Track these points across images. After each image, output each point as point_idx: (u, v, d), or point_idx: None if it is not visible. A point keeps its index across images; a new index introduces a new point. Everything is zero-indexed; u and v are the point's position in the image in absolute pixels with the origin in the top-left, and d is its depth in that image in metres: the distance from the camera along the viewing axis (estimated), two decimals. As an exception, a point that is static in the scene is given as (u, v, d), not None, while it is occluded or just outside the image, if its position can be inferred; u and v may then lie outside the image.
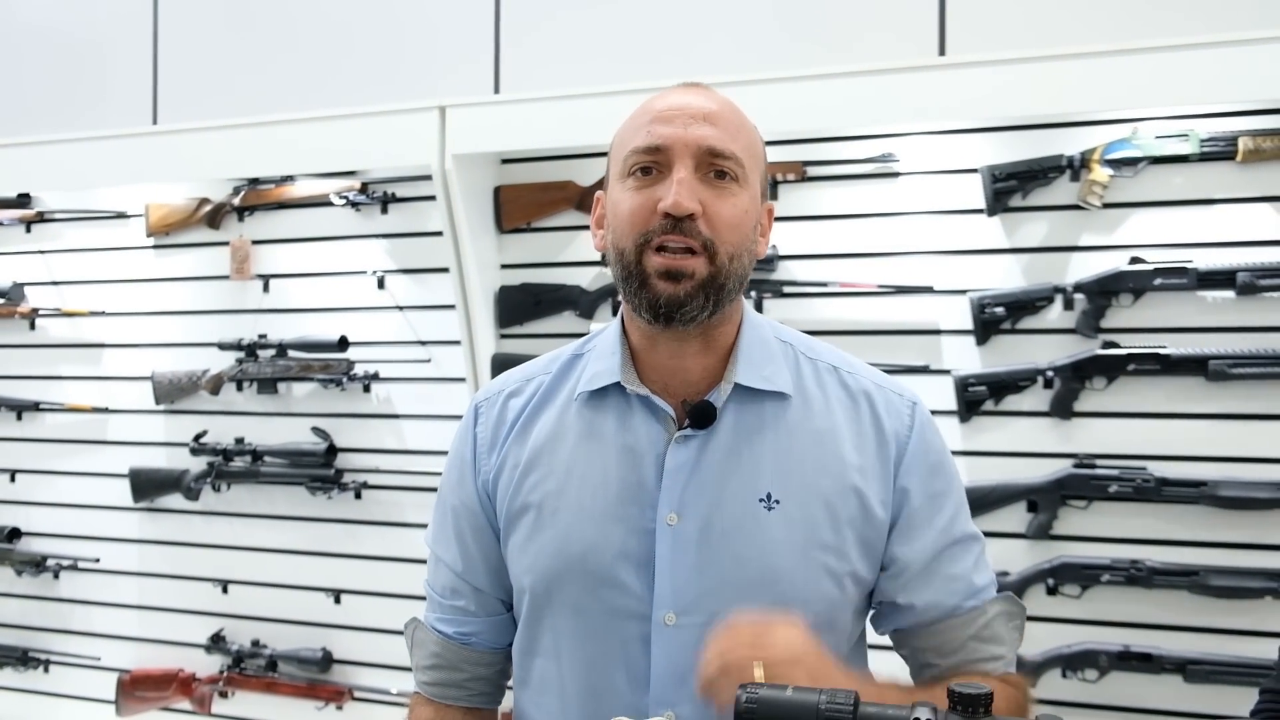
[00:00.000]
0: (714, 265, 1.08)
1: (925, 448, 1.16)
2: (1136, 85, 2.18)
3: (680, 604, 1.09)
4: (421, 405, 2.93)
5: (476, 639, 1.24)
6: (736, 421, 1.13)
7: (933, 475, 1.16)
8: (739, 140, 1.12)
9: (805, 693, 0.75)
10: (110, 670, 3.22)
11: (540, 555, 1.14)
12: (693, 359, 1.14)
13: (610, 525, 1.12)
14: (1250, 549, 2.27)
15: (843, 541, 1.11)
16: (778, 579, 1.08)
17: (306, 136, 2.82)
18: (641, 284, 1.09)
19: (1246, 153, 2.22)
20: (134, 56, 3.27)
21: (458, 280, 2.72)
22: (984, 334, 2.42)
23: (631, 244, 1.09)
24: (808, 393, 1.16)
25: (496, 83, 2.85)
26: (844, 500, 1.12)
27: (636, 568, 1.10)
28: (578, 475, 1.14)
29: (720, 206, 1.09)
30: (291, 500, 3.06)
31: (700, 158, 1.09)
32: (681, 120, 1.10)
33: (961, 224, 2.46)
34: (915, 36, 2.48)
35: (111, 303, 3.28)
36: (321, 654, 2.98)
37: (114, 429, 3.29)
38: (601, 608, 1.11)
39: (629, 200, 1.10)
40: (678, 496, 1.11)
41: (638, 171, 1.11)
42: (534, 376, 1.24)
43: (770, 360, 1.16)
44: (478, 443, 1.22)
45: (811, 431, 1.14)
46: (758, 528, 1.10)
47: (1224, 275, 2.24)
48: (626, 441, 1.14)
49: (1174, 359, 2.28)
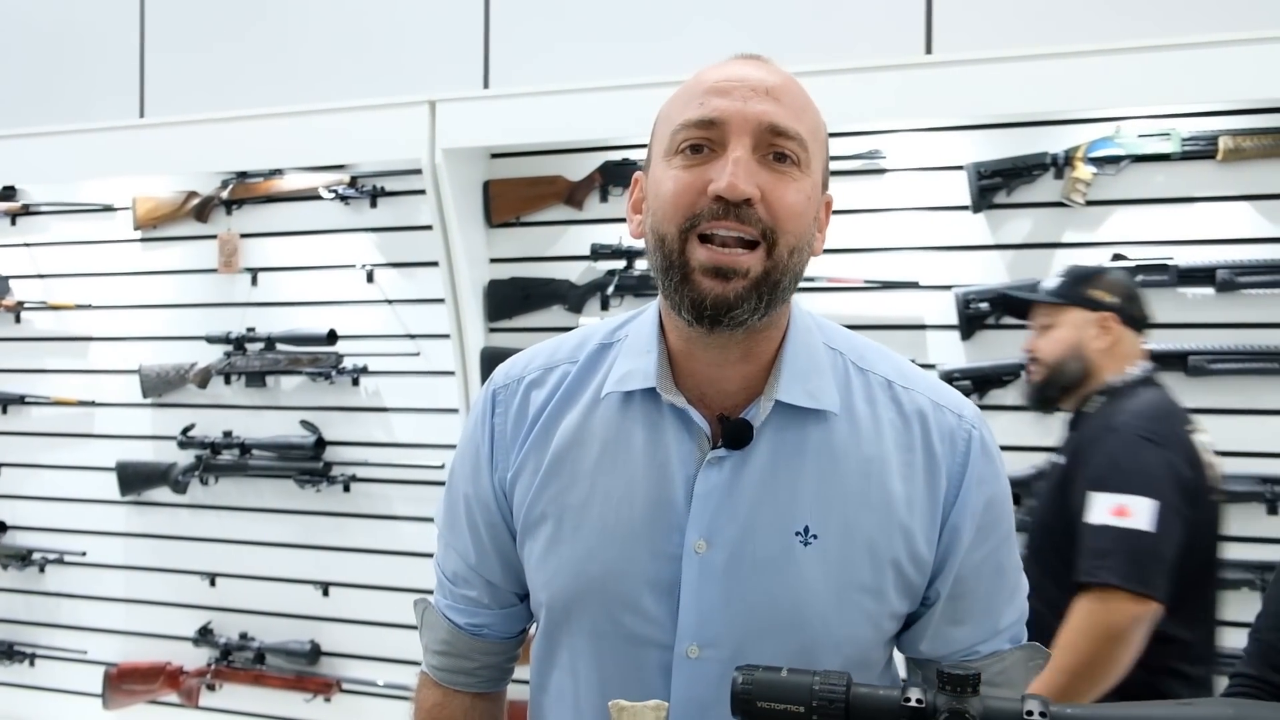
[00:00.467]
0: (771, 259, 0.96)
1: (979, 482, 1.04)
2: (1120, 85, 2.22)
3: (705, 637, 1.00)
4: (410, 398, 2.94)
5: (489, 630, 1.17)
6: (776, 443, 1.02)
7: (983, 514, 1.04)
8: (804, 120, 0.99)
9: (799, 674, 0.77)
10: (97, 664, 3.22)
11: (559, 573, 1.06)
12: (733, 367, 1.02)
13: (634, 548, 1.02)
14: (1229, 540, 2.30)
15: (883, 582, 1.01)
16: (809, 621, 0.99)
17: (295, 130, 2.82)
18: (684, 278, 0.96)
19: (1227, 152, 2.25)
20: (120, 49, 3.26)
21: (447, 274, 2.73)
22: (968, 329, 2.45)
23: (675, 229, 0.96)
24: (856, 412, 1.04)
25: (486, 78, 2.86)
26: (888, 538, 1.01)
27: (660, 595, 1.02)
28: (602, 489, 1.04)
29: (780, 191, 0.96)
30: (280, 493, 3.07)
31: (760, 136, 0.96)
32: (740, 93, 0.97)
33: (947, 220, 2.49)
34: (903, 35, 2.50)
35: (98, 296, 3.27)
36: (310, 646, 2.99)
37: (100, 422, 3.28)
38: (621, 633, 1.03)
39: (674, 179, 0.97)
40: (707, 523, 1.01)
41: (687, 149, 0.97)
42: (558, 364, 1.11)
43: (817, 372, 1.03)
44: (495, 436, 1.11)
45: (858, 458, 1.02)
46: (791, 564, 1.00)
47: (1204, 272, 2.28)
48: (656, 457, 1.03)
49: (1155, 354, 2.31)
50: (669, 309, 1.02)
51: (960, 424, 1.05)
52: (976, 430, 1.06)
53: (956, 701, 0.74)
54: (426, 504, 2.92)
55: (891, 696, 0.75)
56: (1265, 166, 2.27)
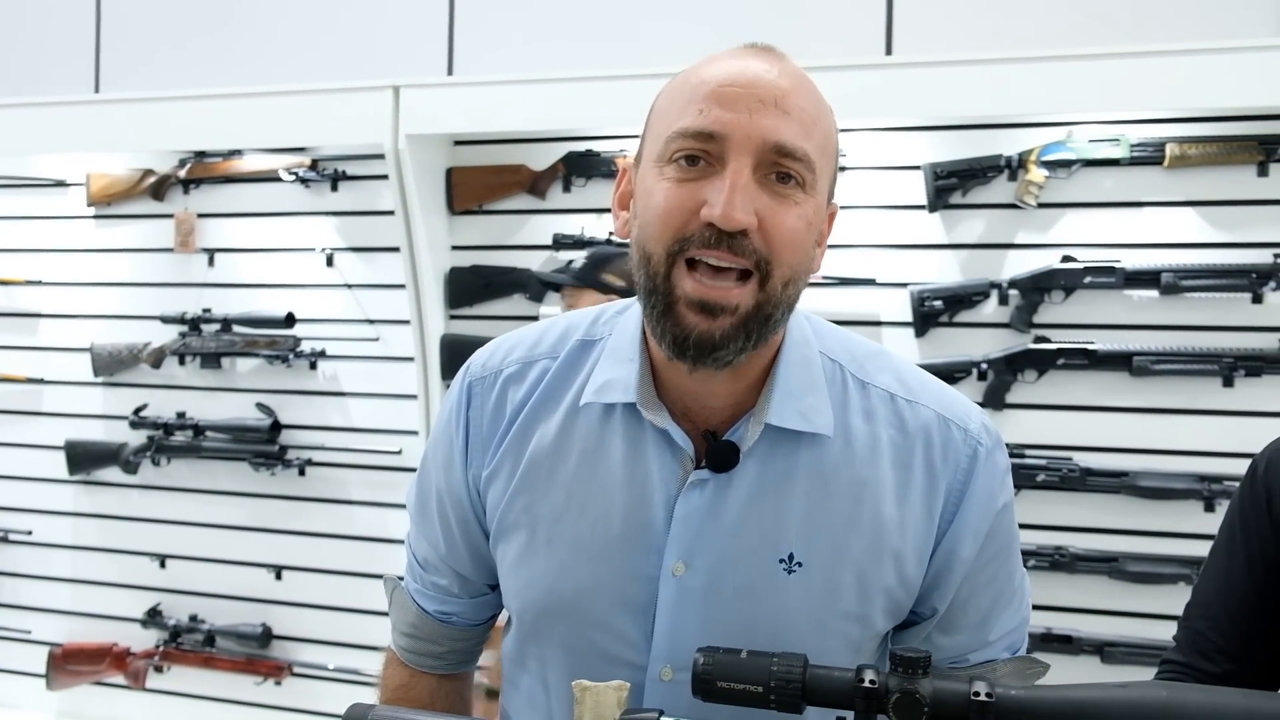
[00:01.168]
0: (763, 292, 0.89)
1: (981, 499, 0.98)
2: (1073, 91, 2.28)
3: (680, 660, 0.95)
4: (368, 384, 2.94)
5: (458, 618, 1.15)
6: (763, 465, 0.96)
7: (984, 531, 0.99)
8: (813, 135, 0.91)
9: (759, 655, 0.80)
10: (42, 644, 3.18)
11: (531, 585, 1.02)
12: (720, 385, 0.96)
13: (609, 567, 0.98)
14: (1166, 537, 2.39)
15: (869, 609, 0.97)
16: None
17: (257, 111, 2.80)
18: (667, 309, 0.89)
19: (1173, 159, 2.32)
20: (76, 21, 3.21)
21: (408, 260, 2.73)
22: (923, 326, 2.51)
23: (662, 250, 0.89)
24: (852, 431, 0.98)
25: (450, 64, 2.86)
26: (877, 566, 0.96)
27: (634, 616, 0.98)
28: (578, 502, 0.99)
29: (780, 218, 0.88)
30: (234, 476, 3.05)
31: (763, 155, 0.88)
32: (746, 103, 0.88)
33: (903, 219, 2.53)
34: (863, 36, 2.55)
35: (49, 272, 3.23)
36: (261, 629, 2.99)
37: (49, 400, 3.24)
38: (592, 650, 1.00)
39: (666, 194, 0.89)
40: (687, 546, 0.96)
41: (681, 159, 0.89)
42: (537, 359, 1.06)
43: (812, 389, 0.97)
44: (470, 432, 1.06)
45: (850, 480, 0.96)
46: (773, 591, 0.96)
47: (1149, 275, 2.35)
48: (636, 473, 0.98)
49: (1101, 354, 2.39)
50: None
51: (965, 439, 0.99)
52: (983, 445, 0.99)
53: (907, 682, 0.77)
54: (382, 489, 2.92)
55: (846, 677, 0.78)
56: (1209, 173, 2.34)
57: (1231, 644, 1.22)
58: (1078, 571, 2.40)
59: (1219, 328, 2.35)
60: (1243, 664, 1.21)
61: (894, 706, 0.76)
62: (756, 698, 0.79)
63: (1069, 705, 0.75)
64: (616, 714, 0.85)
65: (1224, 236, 2.35)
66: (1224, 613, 1.23)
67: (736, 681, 0.79)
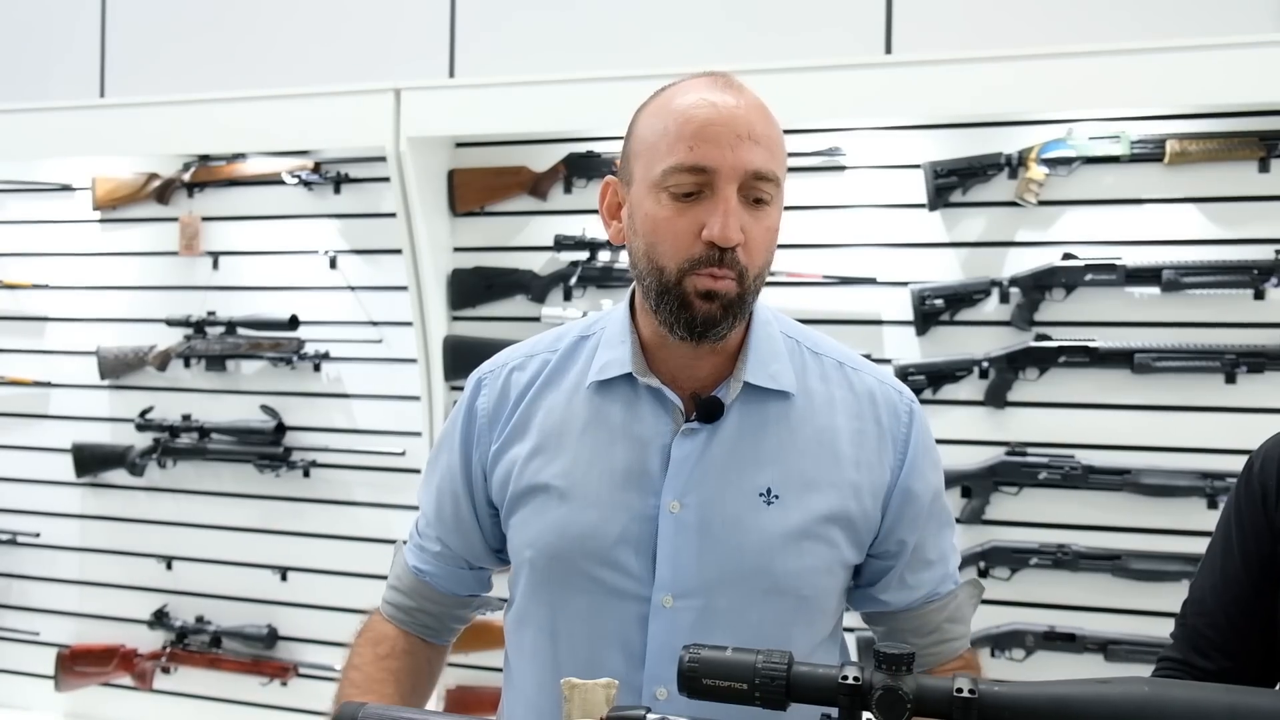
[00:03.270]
0: (742, 287, 1.10)
1: (920, 448, 1.21)
2: (1072, 88, 2.27)
3: (679, 588, 1.13)
4: (372, 385, 2.95)
5: (431, 579, 1.29)
6: (742, 418, 1.16)
7: (925, 473, 1.21)
8: (778, 156, 1.13)
9: (743, 652, 0.81)
10: (50, 645, 3.20)
11: (544, 533, 1.17)
12: (704, 358, 1.16)
13: (614, 509, 1.14)
14: (1169, 534, 2.38)
15: (834, 534, 1.15)
16: (772, 568, 1.13)
17: (259, 114, 2.81)
18: (682, 304, 1.10)
19: (1174, 155, 2.32)
20: (82, 27, 3.23)
21: (410, 262, 2.74)
22: (923, 325, 2.50)
23: (674, 266, 1.10)
24: (811, 389, 1.19)
25: (452, 67, 2.87)
26: (839, 495, 1.16)
27: (637, 551, 1.14)
28: (584, 461, 1.16)
29: (756, 231, 1.11)
30: (239, 478, 3.06)
31: (745, 182, 1.09)
32: (728, 140, 1.08)
33: (904, 218, 2.53)
34: (863, 34, 2.55)
35: (55, 276, 3.24)
36: (267, 630, 3.00)
37: (57, 403, 3.26)
38: (601, 587, 1.14)
39: (670, 222, 1.10)
40: (681, 486, 1.14)
41: (680, 194, 1.09)
42: (538, 353, 1.25)
43: (776, 358, 1.18)
44: (478, 416, 1.24)
45: (813, 428, 1.17)
46: (756, 520, 1.13)
47: (1150, 272, 2.35)
48: (634, 430, 1.16)
49: (1102, 352, 2.38)
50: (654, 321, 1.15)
51: (901, 399, 1.22)
52: (914, 403, 1.23)
53: (891, 679, 0.77)
54: (386, 490, 2.93)
55: (830, 674, 0.79)
56: (1210, 170, 2.33)
57: (1228, 641, 1.22)
58: (1081, 570, 2.39)
59: (1221, 324, 2.35)
60: (1239, 660, 1.21)
61: (877, 703, 0.77)
62: (741, 695, 0.79)
63: (1052, 701, 0.75)
64: (604, 711, 0.86)
65: (1225, 233, 2.34)
66: (1220, 609, 1.23)
67: (721, 679, 0.79)
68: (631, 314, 1.20)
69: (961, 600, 1.24)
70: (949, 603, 1.23)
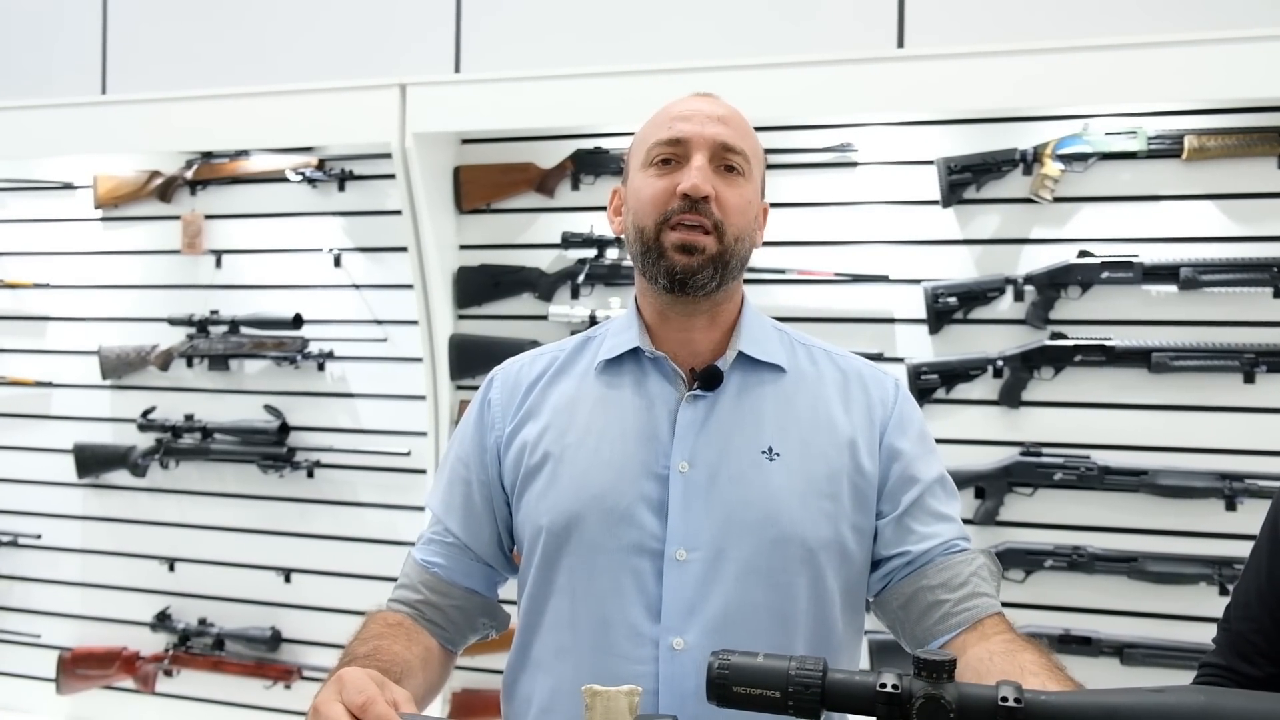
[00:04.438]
0: (722, 244, 1.22)
1: (908, 414, 1.30)
2: (1088, 83, 2.24)
3: (691, 541, 1.20)
4: (377, 385, 2.91)
5: (438, 569, 1.31)
6: (740, 385, 1.27)
7: (918, 437, 1.29)
8: (746, 142, 1.27)
9: (775, 659, 0.77)
10: (51, 648, 3.16)
11: (560, 497, 1.24)
12: (700, 332, 1.27)
13: (627, 470, 1.22)
14: (1187, 536, 2.34)
15: (837, 489, 1.23)
16: (779, 519, 1.20)
17: (263, 111, 2.78)
18: (660, 255, 1.22)
19: (1191, 151, 2.28)
20: (83, 23, 3.20)
21: (416, 260, 2.71)
22: (937, 323, 2.47)
23: (652, 222, 1.23)
24: (801, 369, 1.30)
25: (458, 62, 2.84)
26: (837, 453, 1.24)
27: (651, 508, 1.21)
28: (596, 430, 1.26)
29: (729, 194, 1.23)
30: (242, 478, 3.03)
31: (715, 151, 1.24)
32: (699, 120, 1.25)
33: (917, 214, 2.50)
34: (875, 29, 2.51)
35: (57, 275, 3.21)
36: (270, 633, 2.96)
37: (58, 403, 3.22)
38: (617, 544, 1.21)
39: (651, 185, 1.24)
40: (689, 447, 1.22)
41: (659, 161, 1.25)
42: (547, 353, 1.37)
43: (768, 339, 1.31)
44: (492, 405, 1.33)
45: (806, 399, 1.27)
46: (760, 476, 1.22)
47: (1168, 270, 2.31)
48: (642, 400, 1.26)
49: (1119, 350, 2.35)
50: (646, 285, 1.27)
51: (887, 378, 1.33)
52: (900, 382, 1.34)
53: (932, 687, 0.74)
54: (391, 491, 2.89)
55: (867, 682, 0.75)
56: (1229, 166, 2.30)
57: (1274, 646, 1.18)
58: (1096, 572, 2.36)
59: (1239, 323, 2.31)
60: (1285, 667, 1.18)
61: (919, 712, 0.73)
62: (774, 703, 0.76)
63: (1102, 711, 0.72)
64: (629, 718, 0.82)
65: (1244, 230, 2.31)
66: (1266, 614, 1.20)
67: (753, 686, 0.76)
68: (637, 306, 1.32)
69: (981, 564, 1.24)
70: (972, 558, 1.24)
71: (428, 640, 1.28)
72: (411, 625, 1.27)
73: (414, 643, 1.25)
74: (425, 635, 1.28)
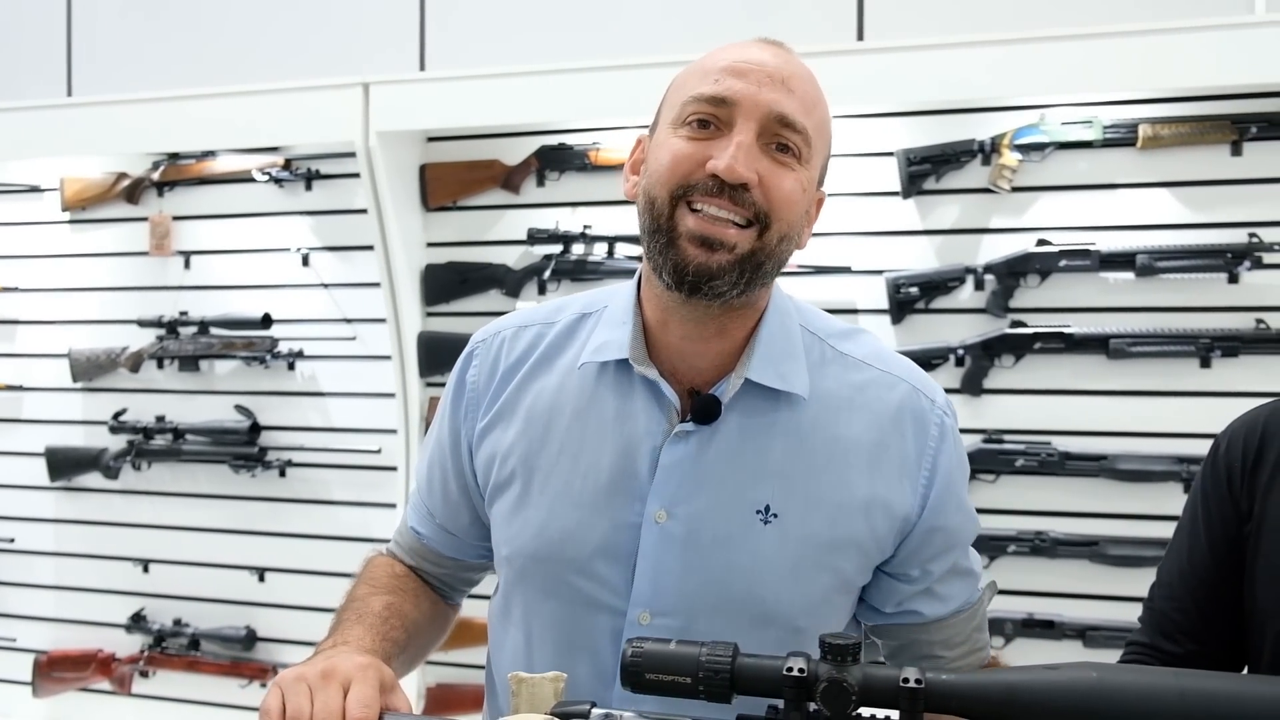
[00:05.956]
0: (760, 241, 0.97)
1: (949, 474, 1.07)
2: (1045, 73, 2.26)
3: (658, 605, 1.02)
4: (346, 383, 2.92)
5: (428, 541, 1.23)
6: (743, 420, 1.03)
7: (958, 505, 1.08)
8: (813, 115, 1.01)
9: (687, 645, 0.79)
10: (26, 651, 3.17)
11: (521, 532, 1.08)
12: (707, 343, 1.04)
13: (594, 515, 1.04)
14: (1147, 519, 2.37)
15: (840, 559, 1.03)
16: (764, 597, 1.02)
17: (227, 111, 2.79)
18: (670, 242, 0.98)
19: (1146, 140, 2.31)
20: (46, 25, 3.19)
21: (383, 258, 2.72)
22: (899, 313, 2.49)
23: (666, 193, 0.98)
24: (827, 394, 1.05)
25: (422, 60, 2.84)
26: (849, 517, 1.03)
27: (616, 562, 1.03)
28: (570, 453, 1.07)
29: (778, 178, 0.98)
30: (214, 479, 3.04)
31: (767, 123, 0.98)
32: (756, 77, 0.98)
33: (878, 206, 2.52)
34: (834, 21, 2.53)
35: (25, 279, 3.21)
36: (245, 632, 2.97)
37: (29, 407, 3.23)
38: (574, 596, 1.05)
39: (675, 148, 0.99)
40: (669, 494, 1.03)
41: (694, 122, 0.99)
42: (534, 323, 1.14)
43: (790, 355, 1.05)
44: (468, 389, 1.15)
45: (825, 439, 1.04)
46: (750, 540, 1.02)
47: (1124, 257, 2.34)
48: (624, 426, 1.05)
49: (1077, 338, 2.37)
50: (650, 273, 1.04)
51: (932, 410, 1.07)
52: (948, 416, 1.09)
53: (836, 670, 0.76)
54: (363, 488, 2.91)
55: (774, 665, 0.77)
56: (1183, 154, 2.32)
57: (1194, 624, 1.21)
58: (1059, 556, 2.38)
59: (1195, 309, 2.34)
60: (1205, 644, 1.20)
61: (822, 695, 0.75)
62: (685, 688, 0.78)
63: (1000, 688, 0.74)
64: (552, 704, 0.84)
65: (1199, 217, 2.33)
66: (1187, 593, 1.22)
67: (664, 673, 0.78)
68: (638, 294, 1.09)
69: (987, 605, 1.15)
70: (977, 609, 1.12)
71: (431, 595, 1.25)
72: (415, 581, 1.23)
73: (421, 598, 1.21)
74: (427, 591, 1.24)
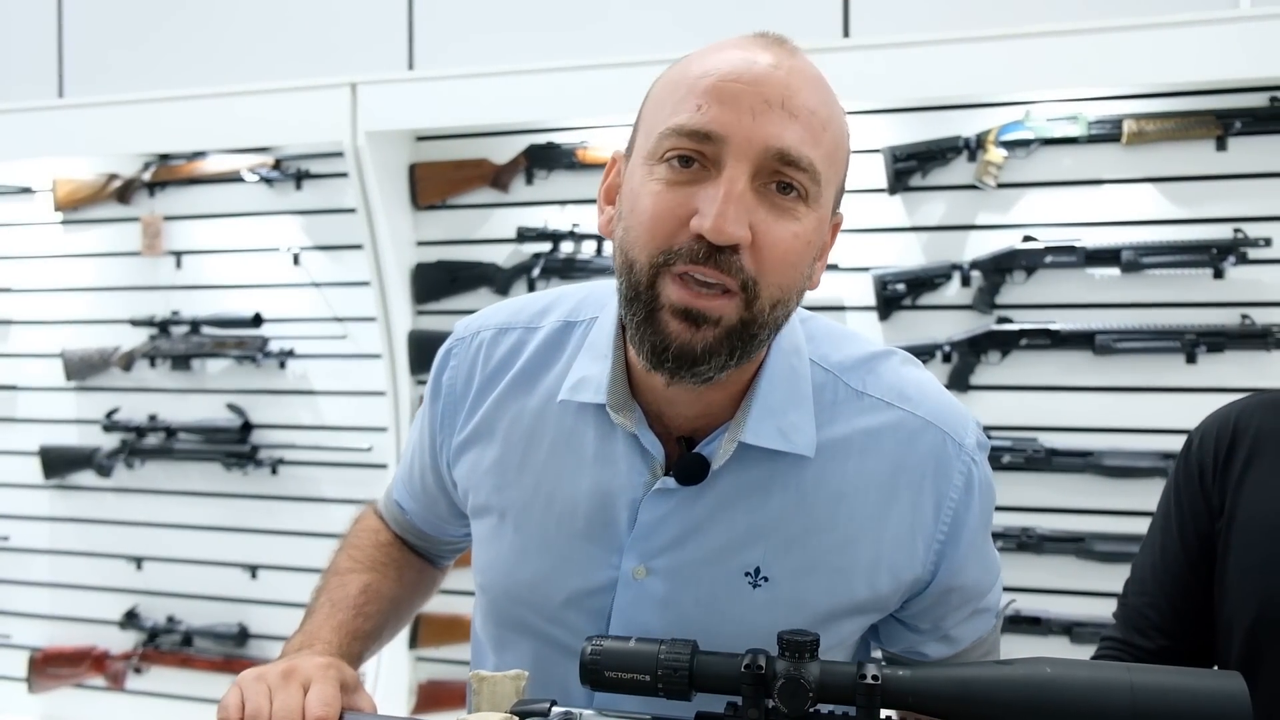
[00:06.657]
0: (749, 311, 0.83)
1: (973, 523, 0.96)
2: (1030, 69, 2.27)
3: None
4: (337, 381, 2.93)
5: (412, 516, 1.20)
6: (737, 477, 0.92)
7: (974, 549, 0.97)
8: (822, 142, 0.84)
9: (646, 642, 0.80)
10: (21, 648, 3.19)
11: (494, 564, 1.02)
12: (698, 394, 0.90)
13: (568, 563, 0.96)
14: (1133, 515, 2.38)
15: (835, 623, 0.94)
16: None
17: (217, 111, 2.79)
18: (649, 315, 0.84)
19: (1131, 135, 2.31)
20: (37, 26, 3.20)
21: (372, 257, 2.73)
22: (886, 310, 2.50)
23: (646, 259, 0.83)
24: (836, 443, 0.93)
25: (411, 59, 2.85)
26: (848, 581, 0.93)
27: (589, 614, 0.95)
28: (545, 492, 0.98)
29: (775, 234, 0.83)
30: (206, 477, 3.05)
31: (763, 162, 0.82)
32: (749, 102, 0.81)
33: (864, 202, 2.52)
34: (820, 18, 2.53)
35: (18, 279, 3.22)
36: (238, 629, 2.99)
37: (23, 406, 3.24)
38: (546, 638, 0.98)
39: (655, 199, 0.83)
40: (648, 550, 0.93)
41: (674, 160, 0.83)
42: (516, 326, 1.03)
43: (796, 404, 0.92)
44: (443, 392, 1.06)
45: (829, 495, 0.92)
46: (736, 605, 0.92)
47: (1110, 253, 2.34)
48: (603, 471, 0.95)
49: (1063, 334, 2.38)
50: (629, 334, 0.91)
51: (959, 455, 0.94)
52: (976, 463, 0.95)
53: (794, 667, 0.77)
54: (354, 486, 2.92)
55: (733, 663, 0.78)
56: (1167, 149, 2.33)
57: (1166, 620, 1.22)
58: (1045, 552, 2.39)
59: (1181, 304, 2.34)
60: (1178, 639, 1.21)
61: (780, 692, 0.76)
62: (644, 686, 0.78)
63: (954, 684, 0.75)
64: (513, 702, 0.85)
65: (1184, 212, 2.34)
66: (1159, 589, 1.23)
67: (624, 671, 0.79)
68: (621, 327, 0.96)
69: (999, 630, 1.09)
70: (991, 636, 1.06)
71: (416, 564, 1.23)
72: (399, 550, 1.21)
73: (405, 569, 1.20)
74: (412, 560, 1.23)
